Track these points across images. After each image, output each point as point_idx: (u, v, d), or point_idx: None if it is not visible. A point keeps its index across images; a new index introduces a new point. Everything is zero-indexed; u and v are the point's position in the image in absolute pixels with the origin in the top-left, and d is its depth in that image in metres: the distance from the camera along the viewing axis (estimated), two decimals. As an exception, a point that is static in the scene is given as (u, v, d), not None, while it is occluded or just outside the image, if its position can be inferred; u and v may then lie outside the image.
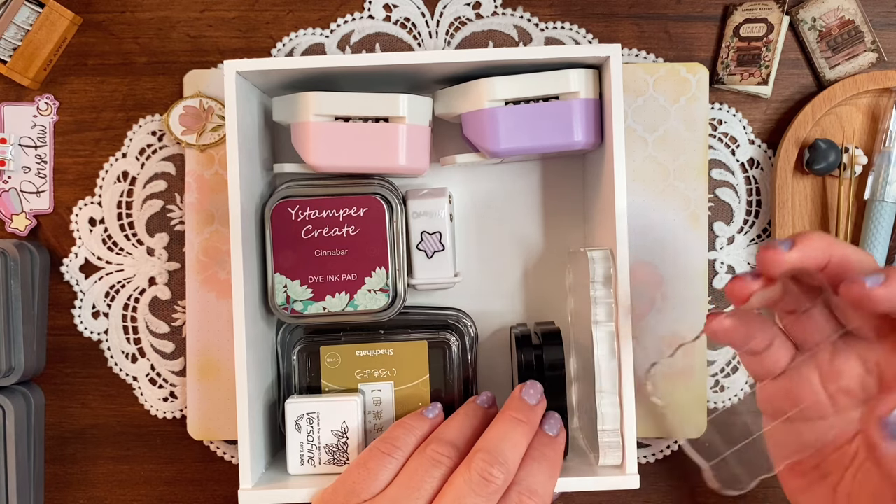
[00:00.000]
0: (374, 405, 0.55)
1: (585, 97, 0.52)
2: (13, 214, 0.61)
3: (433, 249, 0.56)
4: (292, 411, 0.53)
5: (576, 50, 0.51)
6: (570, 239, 0.61)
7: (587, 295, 0.51)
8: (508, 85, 0.52)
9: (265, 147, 0.58)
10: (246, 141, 0.53)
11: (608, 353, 0.50)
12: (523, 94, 0.52)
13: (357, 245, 0.54)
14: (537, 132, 0.52)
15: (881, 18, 0.61)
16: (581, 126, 0.52)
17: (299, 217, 0.54)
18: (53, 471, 0.62)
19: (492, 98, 0.53)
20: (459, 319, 0.57)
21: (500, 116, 0.52)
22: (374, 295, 0.54)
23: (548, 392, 0.51)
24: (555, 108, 0.52)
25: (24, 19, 0.59)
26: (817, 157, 0.59)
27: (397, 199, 0.55)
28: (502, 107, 0.53)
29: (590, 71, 0.53)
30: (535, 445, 0.49)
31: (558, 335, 0.54)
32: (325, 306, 0.54)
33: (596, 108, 0.53)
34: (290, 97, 0.54)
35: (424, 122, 0.54)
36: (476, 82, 0.53)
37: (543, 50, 0.52)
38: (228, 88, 0.51)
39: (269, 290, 0.54)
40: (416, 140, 0.54)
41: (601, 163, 0.54)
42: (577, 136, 0.52)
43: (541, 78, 0.52)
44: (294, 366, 0.56)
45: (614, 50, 0.51)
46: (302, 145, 0.54)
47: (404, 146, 0.53)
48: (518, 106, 0.53)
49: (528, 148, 0.53)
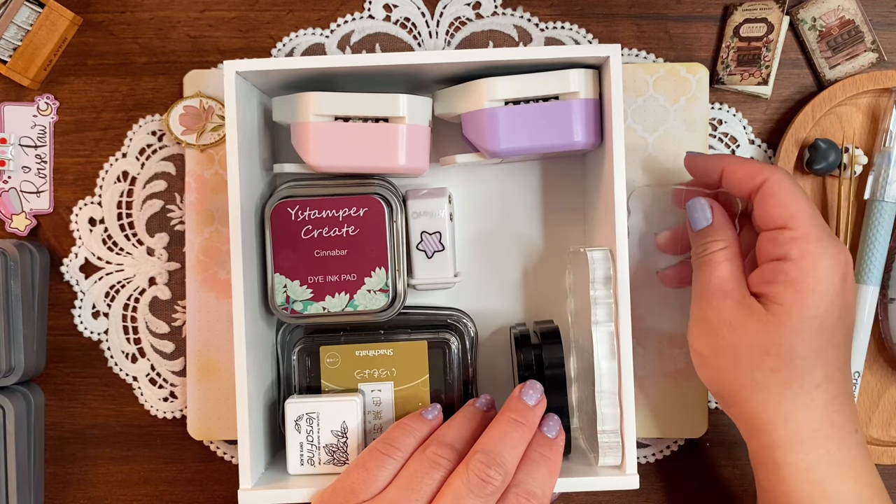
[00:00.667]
0: (373, 405, 0.55)
1: (585, 97, 0.52)
2: (13, 214, 0.61)
3: (433, 249, 0.56)
4: (292, 411, 0.53)
5: (576, 50, 0.51)
6: (570, 238, 0.61)
7: (587, 295, 0.51)
8: (508, 85, 0.52)
9: (265, 147, 0.58)
10: (246, 141, 0.53)
11: (608, 353, 0.50)
12: (523, 94, 0.52)
13: (357, 245, 0.54)
14: (537, 132, 0.52)
15: (881, 18, 0.61)
16: (581, 126, 0.52)
17: (299, 217, 0.54)
18: (53, 471, 0.62)
19: (492, 98, 0.52)
20: (459, 319, 0.57)
21: (500, 116, 0.52)
22: (374, 295, 0.54)
23: (548, 391, 0.51)
24: (555, 108, 0.52)
25: (24, 19, 0.59)
26: (817, 157, 0.58)
27: (397, 199, 0.55)
28: (502, 107, 0.53)
29: (590, 71, 0.53)
30: (533, 447, 0.49)
31: (557, 334, 0.53)
32: (325, 306, 0.54)
33: (596, 108, 0.53)
34: (289, 97, 0.54)
35: (424, 122, 0.54)
36: (476, 82, 0.53)
37: (543, 50, 0.52)
38: (228, 89, 0.51)
39: (269, 290, 0.54)
40: (416, 140, 0.54)
41: (601, 162, 0.54)
42: (576, 137, 0.52)
43: (541, 78, 0.52)
44: (294, 366, 0.56)
45: (614, 50, 0.51)
46: (302, 145, 0.54)
47: (404, 146, 0.53)
48: (518, 106, 0.53)
49: (528, 148, 0.53)
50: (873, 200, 0.59)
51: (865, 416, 0.61)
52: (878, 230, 0.58)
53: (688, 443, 0.62)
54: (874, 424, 0.61)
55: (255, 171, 0.55)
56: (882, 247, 0.58)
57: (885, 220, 0.58)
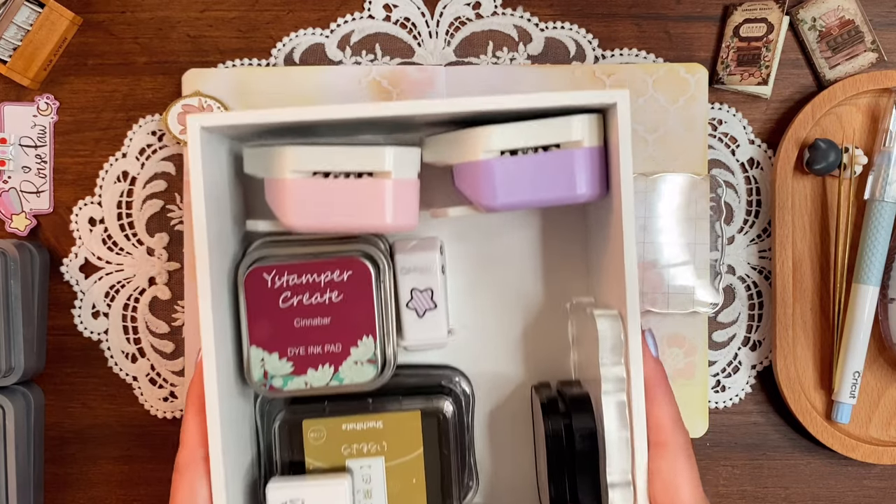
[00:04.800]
0: (363, 483, 0.51)
1: (589, 146, 0.48)
2: (13, 214, 0.61)
3: (424, 308, 0.52)
4: (275, 498, 0.48)
5: (579, 97, 0.46)
6: (572, 289, 0.57)
7: (593, 351, 0.47)
8: (505, 134, 0.47)
9: (237, 201, 0.53)
10: (214, 197, 0.48)
11: (619, 424, 0.46)
12: (521, 143, 0.48)
13: (341, 312, 0.49)
14: (537, 185, 0.48)
15: (881, 18, 0.61)
16: (585, 178, 0.48)
17: (276, 284, 0.49)
18: (53, 471, 0.62)
19: (487, 149, 0.48)
20: (452, 379, 0.54)
21: (497, 169, 0.47)
22: (361, 367, 0.50)
23: (579, 467, 0.47)
24: (556, 158, 0.47)
25: (23, 19, 0.59)
26: (817, 157, 0.58)
27: (384, 256, 0.50)
28: (498, 158, 0.48)
29: (594, 116, 0.48)
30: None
31: (588, 401, 0.49)
32: (308, 381, 0.49)
33: (601, 157, 0.48)
34: (262, 150, 0.49)
35: (413, 175, 0.49)
36: (469, 132, 0.48)
37: (543, 97, 0.46)
38: (193, 144, 0.46)
39: (245, 364, 0.49)
40: (404, 196, 0.48)
41: (607, 215, 0.49)
42: (580, 189, 0.48)
43: (540, 126, 0.47)
44: (275, 440, 0.51)
45: (622, 96, 0.46)
46: (277, 204, 0.48)
47: (391, 204, 0.47)
48: (516, 157, 0.48)
49: (526, 202, 0.48)
50: (873, 200, 0.59)
51: (866, 415, 0.61)
52: (878, 230, 0.58)
53: (688, 443, 0.62)
54: (874, 424, 0.61)
55: (226, 228, 0.50)
56: (882, 247, 0.58)
57: (885, 220, 0.58)
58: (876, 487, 0.62)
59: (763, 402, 0.62)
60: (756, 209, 0.61)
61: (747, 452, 0.62)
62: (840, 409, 0.59)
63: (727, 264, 0.61)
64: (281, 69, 0.61)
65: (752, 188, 0.61)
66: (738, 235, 0.61)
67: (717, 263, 0.60)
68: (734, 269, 0.61)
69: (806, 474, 0.62)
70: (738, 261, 0.61)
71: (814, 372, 0.61)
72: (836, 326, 0.60)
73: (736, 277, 0.61)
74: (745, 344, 0.62)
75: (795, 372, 0.59)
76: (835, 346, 0.60)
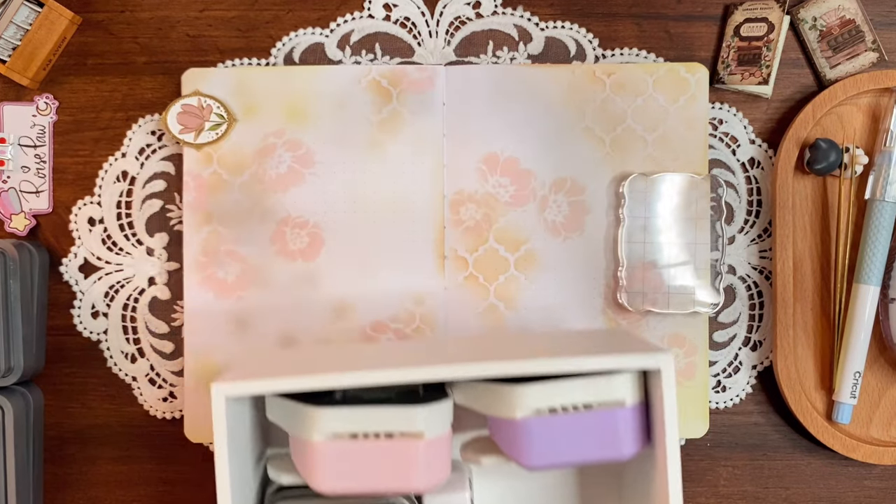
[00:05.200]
0: None
1: (631, 405, 0.46)
2: (12, 214, 0.61)
3: None
4: None
5: (624, 361, 0.44)
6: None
7: None
8: (543, 393, 0.45)
9: (257, 442, 0.52)
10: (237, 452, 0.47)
11: None
12: (560, 402, 0.46)
13: None
14: (578, 445, 0.46)
15: (882, 18, 0.61)
16: (630, 438, 0.46)
17: None
18: (53, 471, 0.62)
19: (524, 408, 0.45)
20: None
21: (535, 431, 0.45)
22: None
23: None
24: (598, 418, 0.45)
25: (23, 19, 0.59)
26: (818, 157, 0.58)
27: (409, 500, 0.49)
28: (536, 418, 0.45)
29: (635, 374, 0.47)
30: None
31: None
32: None
33: (643, 413, 0.47)
34: (288, 405, 0.48)
35: (445, 431, 0.47)
36: (506, 389, 0.46)
37: (585, 362, 0.44)
38: (217, 414, 0.45)
39: None
40: (438, 454, 0.46)
41: (650, 468, 0.48)
42: (626, 450, 0.46)
43: (580, 385, 0.45)
44: None
45: (666, 361, 0.44)
46: (305, 466, 0.47)
47: (425, 466, 0.45)
48: (555, 417, 0.45)
49: (566, 463, 0.46)
50: (874, 200, 0.59)
51: (866, 416, 0.61)
52: (879, 230, 0.58)
53: (688, 443, 0.61)
54: (874, 424, 0.61)
55: (247, 472, 0.49)
56: (882, 247, 0.58)
57: (885, 220, 0.58)
58: (877, 488, 0.62)
59: (764, 403, 0.62)
60: (756, 209, 0.61)
61: (748, 453, 0.62)
62: (841, 410, 0.59)
63: (728, 264, 0.61)
64: (280, 69, 0.61)
65: (752, 188, 0.61)
66: (738, 235, 0.61)
67: (718, 263, 0.60)
68: (735, 269, 0.61)
69: (807, 474, 0.62)
70: (739, 261, 0.61)
71: (814, 372, 0.61)
72: (837, 326, 0.60)
73: (736, 277, 0.61)
74: (746, 344, 0.61)
75: (796, 372, 0.59)
76: (835, 346, 0.60)
